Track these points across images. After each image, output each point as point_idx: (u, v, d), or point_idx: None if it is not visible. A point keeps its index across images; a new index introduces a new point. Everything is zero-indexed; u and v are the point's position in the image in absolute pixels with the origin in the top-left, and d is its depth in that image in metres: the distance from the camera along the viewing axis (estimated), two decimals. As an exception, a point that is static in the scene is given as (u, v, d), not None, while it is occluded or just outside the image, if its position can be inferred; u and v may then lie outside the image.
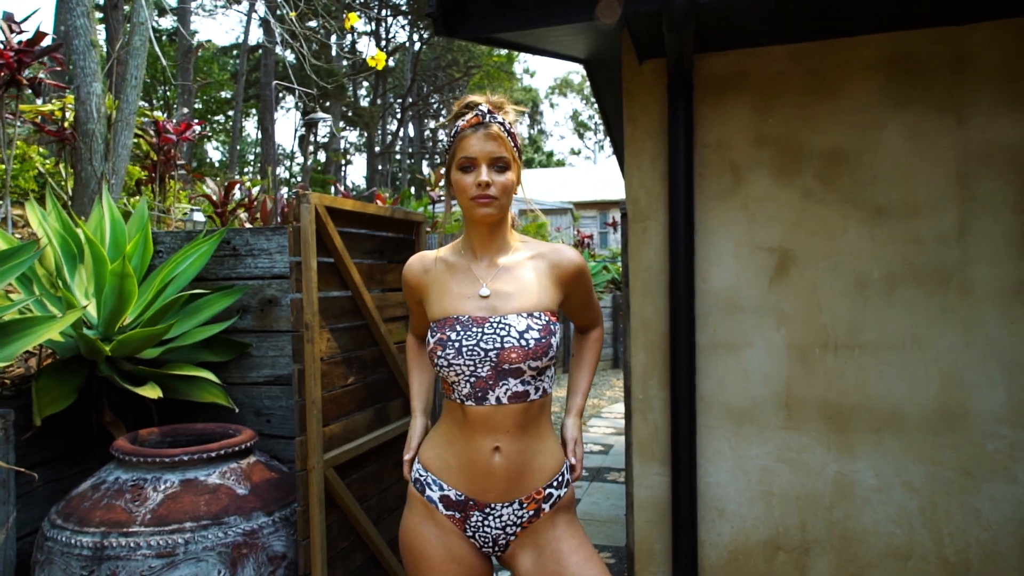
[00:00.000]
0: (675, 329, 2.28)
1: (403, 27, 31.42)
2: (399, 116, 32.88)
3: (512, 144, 1.47)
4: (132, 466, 2.05)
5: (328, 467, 2.04)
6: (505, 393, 1.45)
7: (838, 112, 2.21)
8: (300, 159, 28.99)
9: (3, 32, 3.85)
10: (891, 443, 2.17)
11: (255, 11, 21.97)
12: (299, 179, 28.33)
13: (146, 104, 25.48)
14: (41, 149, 6.15)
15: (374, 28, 28.43)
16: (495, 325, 1.45)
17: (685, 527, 2.30)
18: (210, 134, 29.76)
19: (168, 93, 25.86)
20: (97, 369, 2.41)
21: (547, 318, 1.50)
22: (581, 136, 49.62)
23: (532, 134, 45.23)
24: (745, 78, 2.29)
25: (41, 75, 4.14)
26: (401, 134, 34.31)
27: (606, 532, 3.70)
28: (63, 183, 5.27)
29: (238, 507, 2.00)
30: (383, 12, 28.06)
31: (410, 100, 32.29)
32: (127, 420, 2.63)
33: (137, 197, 6.08)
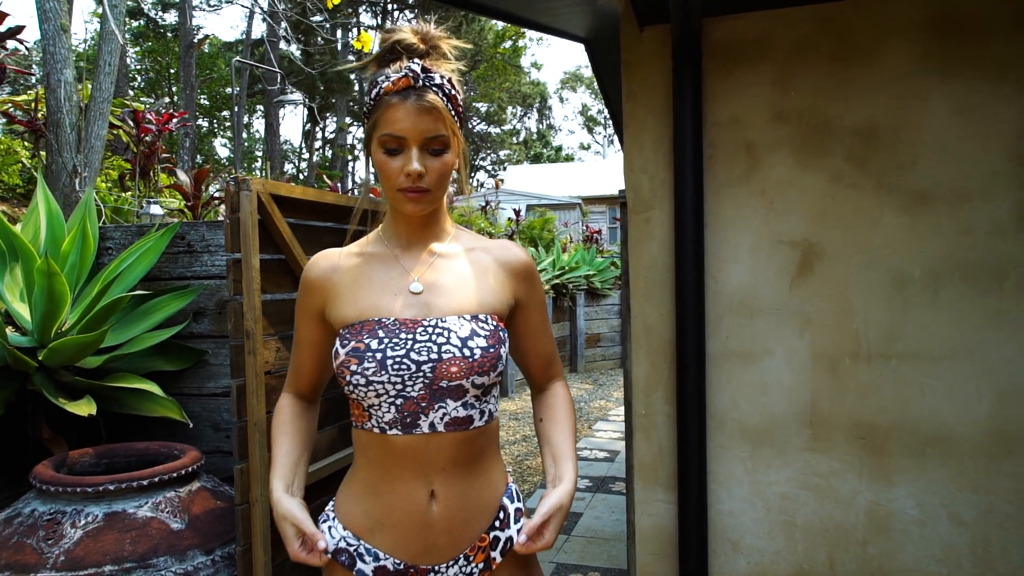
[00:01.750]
0: (682, 335, 1.98)
1: (410, 20, 31.14)
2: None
3: (452, 113, 1.11)
4: (51, 496, 1.77)
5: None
6: (442, 419, 1.11)
7: (873, 82, 1.90)
8: (307, 155, 28.76)
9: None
10: (936, 469, 1.85)
11: (258, 5, 21.74)
12: (305, 175, 28.12)
13: (151, 99, 25.35)
14: (26, 143, 5.92)
15: (380, 21, 28.13)
16: (430, 330, 1.11)
17: (694, 562, 2.00)
18: (215, 129, 29.61)
19: (174, 89, 25.69)
20: (30, 381, 2.13)
21: (495, 323, 1.16)
22: (591, 131, 49.21)
23: (541, 128, 44.87)
24: (763, 44, 1.98)
25: (4, 61, 3.87)
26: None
27: (609, 552, 3.40)
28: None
29: (170, 545, 1.72)
30: (390, 5, 27.78)
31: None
32: (70, 436, 2.36)
33: (127, 193, 5.83)
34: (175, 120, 5.29)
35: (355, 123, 31.35)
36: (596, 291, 9.90)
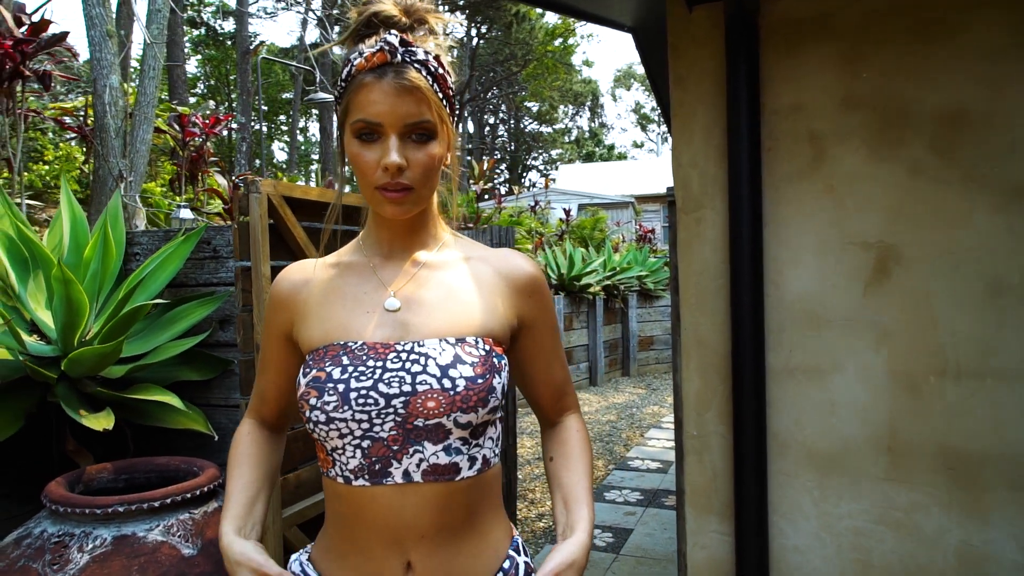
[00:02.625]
0: (739, 349, 1.77)
1: (461, 23, 31.18)
2: (457, 112, 32.75)
3: (440, 96, 0.91)
4: (61, 517, 1.68)
5: (289, 526, 1.63)
6: (418, 466, 0.90)
7: (959, 61, 1.66)
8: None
9: (6, 21, 3.63)
10: (1039, 506, 1.60)
11: (311, 11, 22.10)
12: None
13: (212, 105, 26.10)
14: (84, 148, 6.05)
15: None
16: (404, 356, 0.91)
17: (753, 602, 1.79)
18: (275, 134, 30.29)
19: (233, 95, 26.37)
20: (51, 392, 2.07)
21: (487, 347, 0.94)
22: (644, 128, 48.50)
23: (593, 127, 44.43)
24: (828, 21, 1.75)
25: (48, 67, 3.90)
26: (460, 130, 34.16)
27: (661, 575, 3.19)
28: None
29: (180, 573, 1.61)
30: (441, 7, 27.90)
31: (468, 96, 32.07)
32: (95, 448, 2.30)
33: (180, 197, 5.90)
34: (222, 124, 5.29)
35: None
36: (649, 292, 9.61)
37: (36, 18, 3.83)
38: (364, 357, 0.92)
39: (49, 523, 1.69)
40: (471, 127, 35.86)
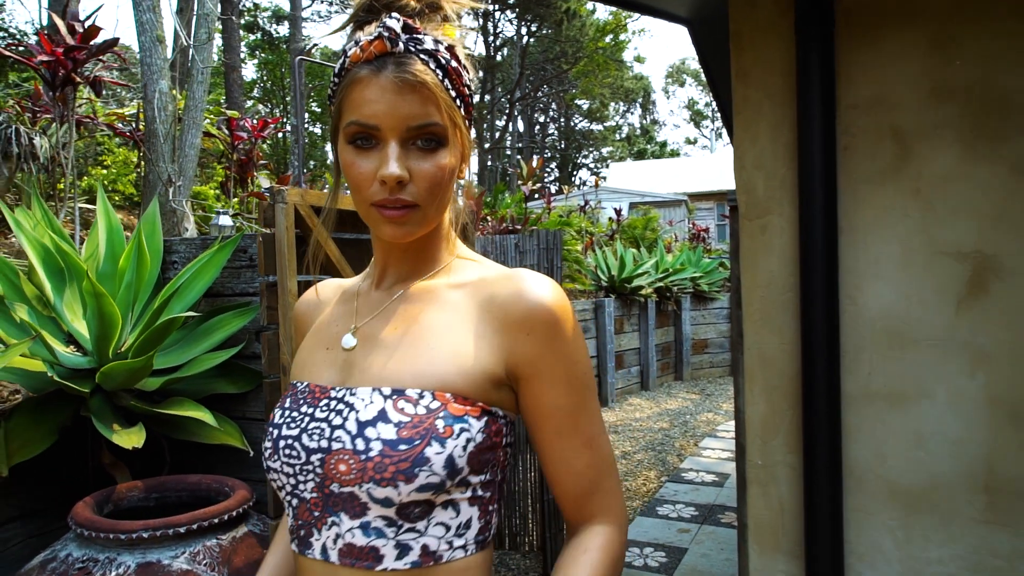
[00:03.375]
0: (810, 370, 1.59)
1: (511, 21, 31.10)
2: (507, 111, 32.62)
3: (453, 95, 0.76)
4: (86, 541, 1.62)
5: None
6: (334, 542, 0.74)
7: (1073, 42, 1.44)
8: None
9: (59, 30, 3.67)
10: None
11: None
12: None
13: (266, 109, 26.64)
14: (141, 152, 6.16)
15: (482, 23, 28.26)
16: (332, 404, 0.76)
17: (826, 653, 1.61)
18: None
19: (287, 99, 26.89)
20: (85, 405, 2.02)
21: (436, 403, 0.73)
22: (697, 125, 47.59)
23: (644, 124, 43.80)
24: (914, 3, 1.55)
25: (100, 72, 3.93)
26: (510, 129, 34.03)
27: (717, 599, 3.00)
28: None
29: (205, 606, 1.53)
30: (492, 6, 27.85)
31: (518, 94, 31.94)
32: (132, 461, 2.25)
33: (233, 200, 5.95)
34: (270, 127, 5.29)
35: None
36: (703, 294, 9.32)
37: (89, 24, 3.86)
38: (300, 401, 0.79)
39: (75, 546, 1.63)
40: (521, 125, 35.73)
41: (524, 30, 30.67)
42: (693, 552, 3.52)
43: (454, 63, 0.76)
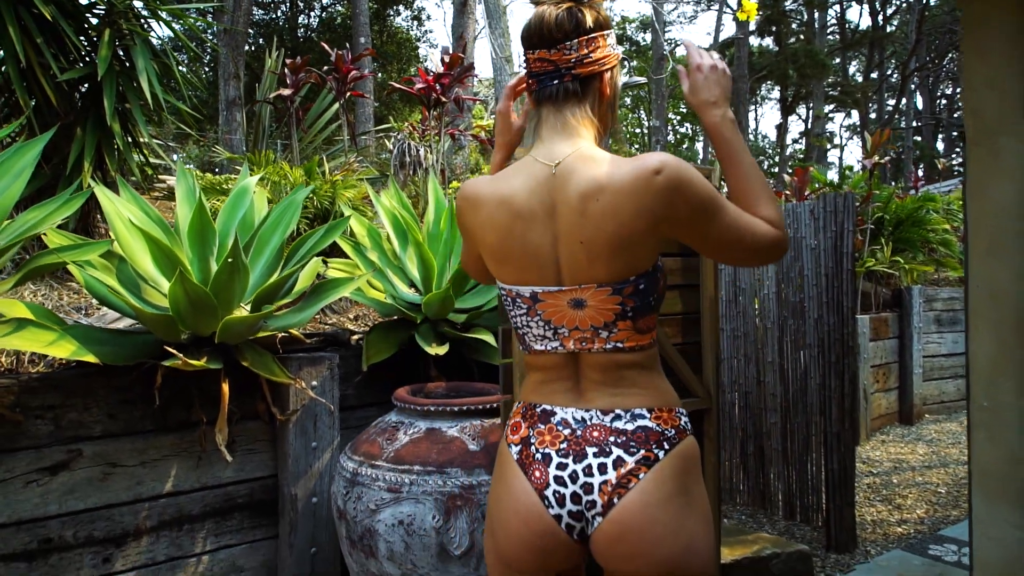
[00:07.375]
0: (1028, 300, 1.46)
1: (903, -17, 27.30)
2: (900, 87, 28.68)
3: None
4: (400, 411, 2.29)
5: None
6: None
7: None
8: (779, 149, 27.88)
9: (434, 62, 4.72)
10: None
11: (727, 6, 22.10)
12: (776, 169, 27.30)
13: (632, 115, 27.98)
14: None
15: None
16: None
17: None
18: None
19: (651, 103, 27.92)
20: (417, 330, 2.76)
21: None
22: None
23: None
24: None
25: (458, 91, 4.94)
26: (903, 106, 29.80)
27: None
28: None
29: (463, 461, 2.05)
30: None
31: (914, 65, 27.81)
32: (452, 378, 2.94)
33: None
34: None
35: (837, 108, 28.97)
36: None
37: (452, 54, 4.91)
38: None
39: (394, 415, 2.31)
40: (919, 102, 30.99)
41: (921, -9, 26.66)
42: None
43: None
